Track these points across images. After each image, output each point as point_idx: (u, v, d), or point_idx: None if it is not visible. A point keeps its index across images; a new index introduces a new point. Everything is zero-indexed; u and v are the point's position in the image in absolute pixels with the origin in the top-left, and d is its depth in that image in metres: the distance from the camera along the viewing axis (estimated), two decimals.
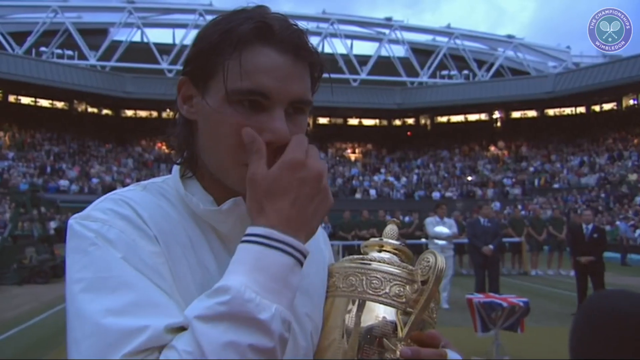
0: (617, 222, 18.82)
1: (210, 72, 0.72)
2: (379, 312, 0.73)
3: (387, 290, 0.74)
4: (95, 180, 28.45)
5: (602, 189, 25.38)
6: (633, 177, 25.19)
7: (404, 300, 0.74)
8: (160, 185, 0.80)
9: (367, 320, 0.73)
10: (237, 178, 0.72)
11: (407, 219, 15.77)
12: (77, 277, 0.65)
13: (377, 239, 0.84)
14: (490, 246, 7.68)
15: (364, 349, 0.72)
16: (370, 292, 0.74)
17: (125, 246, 0.66)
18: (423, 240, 11.63)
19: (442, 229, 8.10)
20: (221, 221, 0.75)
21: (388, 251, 0.82)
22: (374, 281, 0.75)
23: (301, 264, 0.66)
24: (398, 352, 0.71)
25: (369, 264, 0.78)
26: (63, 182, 27.47)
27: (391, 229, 0.86)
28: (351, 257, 0.82)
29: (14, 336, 6.17)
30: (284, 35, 0.71)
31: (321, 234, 0.96)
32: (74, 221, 0.70)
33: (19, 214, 11.83)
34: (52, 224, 20.18)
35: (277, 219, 0.65)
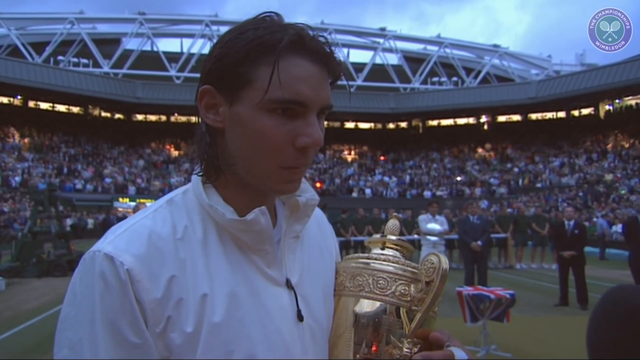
0: (595, 219, 18.82)
1: (243, 81, 0.69)
2: (386, 311, 0.72)
3: (393, 290, 0.73)
4: (108, 180, 28.39)
5: (580, 188, 25.41)
6: (609, 177, 25.23)
7: (409, 299, 0.73)
8: (182, 198, 0.77)
9: (375, 318, 0.72)
10: (275, 180, 0.72)
11: (400, 216, 15.75)
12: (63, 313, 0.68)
13: (379, 235, 0.82)
14: (479, 242, 7.66)
15: (372, 346, 0.71)
16: (378, 292, 0.73)
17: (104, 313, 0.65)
18: (415, 236, 11.62)
19: (434, 226, 8.07)
20: (244, 230, 0.73)
21: (390, 247, 0.80)
22: (381, 281, 0.74)
23: None
24: (404, 349, 0.70)
25: (375, 264, 0.76)
26: (78, 182, 27.42)
27: (393, 224, 0.83)
28: (356, 255, 0.80)
29: (34, 325, 6.16)
30: (315, 46, 0.71)
31: (330, 232, 0.94)
32: (87, 255, 0.69)
33: (38, 211, 11.79)
34: (68, 221, 20.12)
35: None
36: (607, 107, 31.22)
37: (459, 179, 31.26)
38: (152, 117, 35.62)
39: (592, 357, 0.78)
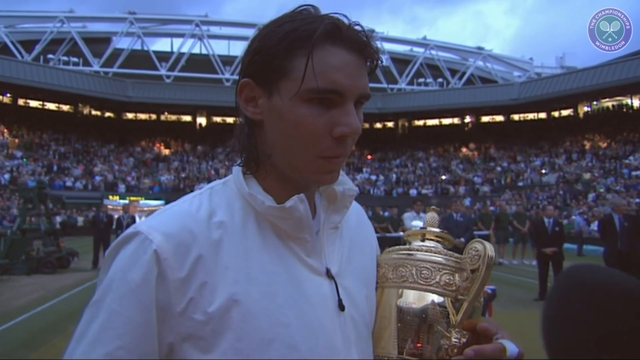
0: (574, 217, 19.11)
1: (280, 73, 0.69)
2: (431, 301, 0.70)
3: (437, 280, 0.71)
4: (98, 178, 28.04)
5: (560, 186, 25.77)
6: (587, 176, 25.63)
7: (454, 288, 0.70)
8: (222, 187, 0.76)
9: (420, 309, 0.69)
10: (313, 171, 0.71)
11: (386, 214, 15.79)
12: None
13: (418, 228, 0.79)
14: (462, 239, 7.73)
15: (418, 337, 0.69)
16: (422, 282, 0.71)
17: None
18: (401, 233, 11.68)
19: (418, 223, 8.12)
20: (283, 218, 0.71)
21: (431, 239, 0.77)
22: (424, 271, 0.71)
23: None
24: (453, 339, 0.68)
25: (418, 255, 0.73)
26: (68, 180, 27.04)
27: (432, 216, 0.81)
28: (397, 247, 0.77)
29: (23, 322, 6.07)
30: (351, 34, 0.69)
31: (370, 226, 0.92)
32: (131, 229, 0.69)
33: (27, 209, 11.61)
34: (58, 219, 19.85)
35: None
36: (585, 108, 31.68)
37: (443, 177, 31.49)
38: (142, 116, 35.23)
39: (547, 339, 0.77)
